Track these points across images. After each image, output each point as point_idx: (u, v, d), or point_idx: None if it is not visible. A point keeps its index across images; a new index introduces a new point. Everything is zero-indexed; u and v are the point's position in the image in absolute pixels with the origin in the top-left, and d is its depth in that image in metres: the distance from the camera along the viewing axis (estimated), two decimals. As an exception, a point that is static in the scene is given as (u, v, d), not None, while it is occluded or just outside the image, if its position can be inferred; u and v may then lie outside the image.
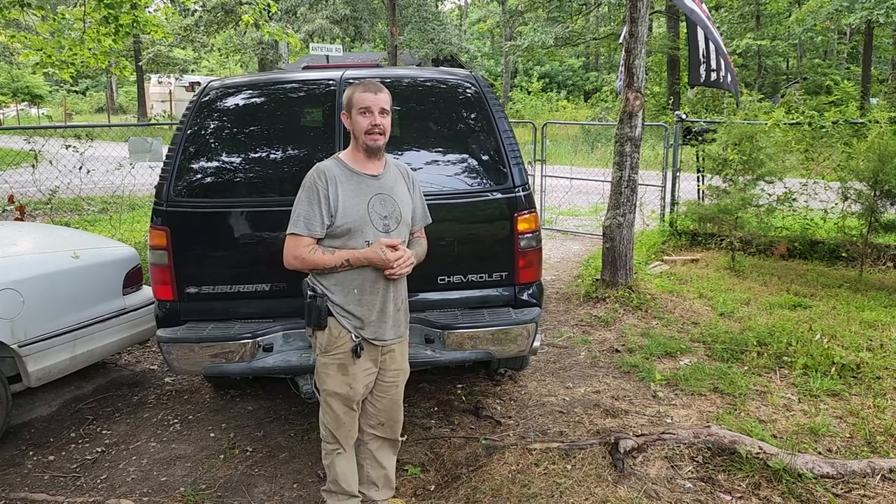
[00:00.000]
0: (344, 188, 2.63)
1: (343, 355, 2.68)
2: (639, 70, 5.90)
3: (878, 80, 23.15)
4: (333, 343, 2.68)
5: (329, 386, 2.72)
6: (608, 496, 3.12)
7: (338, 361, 2.69)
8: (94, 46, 7.94)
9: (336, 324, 2.67)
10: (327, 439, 2.84)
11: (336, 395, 2.72)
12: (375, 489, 2.96)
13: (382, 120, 2.65)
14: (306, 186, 2.63)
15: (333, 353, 2.68)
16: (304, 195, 2.63)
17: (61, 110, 33.32)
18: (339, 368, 2.69)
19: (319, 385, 2.77)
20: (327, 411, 2.78)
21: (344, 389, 2.71)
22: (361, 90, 2.65)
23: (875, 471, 3.18)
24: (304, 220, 2.60)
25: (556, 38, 22.92)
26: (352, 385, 2.71)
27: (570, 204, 10.92)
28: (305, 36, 24.53)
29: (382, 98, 2.66)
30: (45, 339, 3.77)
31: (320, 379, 2.75)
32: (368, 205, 2.66)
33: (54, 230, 5.33)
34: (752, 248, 7.54)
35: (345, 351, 2.67)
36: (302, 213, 2.61)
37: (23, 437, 3.92)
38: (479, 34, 46.71)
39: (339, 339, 2.67)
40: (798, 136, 7.65)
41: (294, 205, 2.64)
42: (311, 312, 2.67)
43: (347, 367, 2.69)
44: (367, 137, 2.64)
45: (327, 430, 2.81)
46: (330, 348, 2.68)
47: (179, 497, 3.28)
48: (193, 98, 3.66)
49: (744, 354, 4.77)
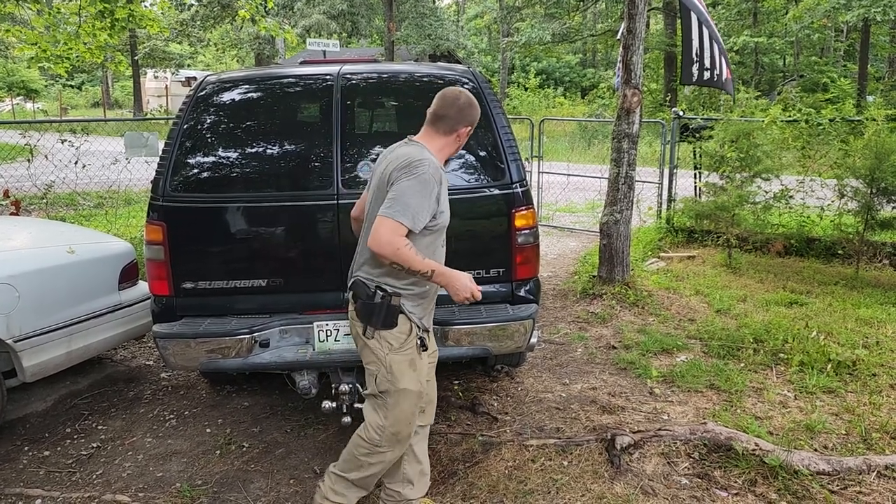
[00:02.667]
0: (444, 188, 2.62)
1: (412, 350, 2.66)
2: (636, 67, 5.89)
3: (874, 78, 23.15)
4: (405, 340, 2.64)
5: (404, 384, 2.63)
6: (604, 492, 3.13)
7: (409, 357, 2.65)
8: (90, 41, 7.91)
9: (405, 320, 2.63)
10: (380, 444, 2.68)
11: (410, 392, 2.65)
12: (410, 487, 2.87)
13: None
14: (423, 179, 2.49)
15: (405, 349, 2.64)
16: (419, 187, 2.48)
17: (57, 105, 33.13)
18: (409, 364, 2.65)
19: (390, 387, 2.63)
20: (396, 413, 2.65)
21: (417, 385, 2.67)
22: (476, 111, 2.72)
23: (871, 467, 3.19)
24: (414, 212, 2.47)
25: (553, 34, 22.94)
26: (421, 381, 2.69)
27: (567, 200, 10.92)
28: (302, 31, 24.43)
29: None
30: (41, 335, 3.76)
31: (392, 379, 2.62)
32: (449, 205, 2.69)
33: (50, 225, 5.32)
34: (748, 246, 7.54)
35: (413, 346, 2.66)
36: (413, 205, 2.47)
37: (18, 432, 3.91)
38: (476, 30, 46.63)
39: (410, 335, 2.65)
40: (795, 134, 7.67)
41: (403, 190, 2.47)
42: (380, 312, 2.59)
43: (416, 362, 2.67)
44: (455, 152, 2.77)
45: (386, 433, 2.67)
46: (403, 345, 2.64)
47: (175, 493, 3.27)
48: (190, 93, 3.64)
49: (740, 351, 4.78)
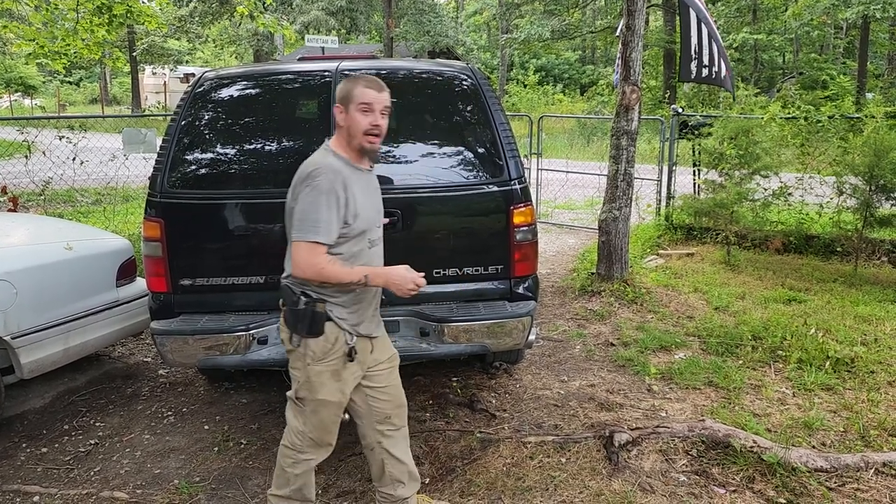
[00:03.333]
0: (356, 188, 2.45)
1: (337, 360, 2.53)
2: (636, 63, 5.88)
3: (874, 75, 23.15)
4: (330, 349, 2.51)
5: (322, 395, 2.54)
6: (602, 489, 3.13)
7: (332, 368, 2.53)
8: (88, 37, 7.90)
9: (333, 328, 2.50)
10: (301, 449, 2.65)
11: (330, 403, 2.57)
12: (402, 486, 2.80)
13: (382, 121, 2.48)
14: (324, 190, 2.35)
15: (329, 359, 2.51)
16: (322, 199, 2.34)
17: (55, 101, 33.09)
18: (332, 375, 2.54)
19: (307, 395, 2.56)
20: (313, 421, 2.60)
21: (337, 397, 2.57)
22: (364, 85, 2.45)
23: (869, 465, 3.19)
24: (325, 226, 2.35)
25: (552, 31, 22.92)
26: (343, 391, 2.58)
27: (566, 197, 10.92)
28: (301, 27, 24.39)
29: (385, 97, 2.49)
30: (38, 331, 3.75)
31: (310, 388, 2.54)
32: (372, 202, 2.56)
33: (48, 221, 5.31)
34: (747, 243, 7.54)
35: (340, 356, 2.52)
36: (323, 219, 2.34)
37: (16, 429, 3.90)
38: (475, 27, 46.58)
39: (335, 344, 2.51)
40: (794, 131, 7.66)
41: (305, 207, 2.36)
42: (304, 319, 2.45)
43: (340, 373, 2.55)
44: (364, 138, 2.45)
45: (305, 439, 2.63)
46: (326, 355, 2.51)
47: (173, 489, 3.27)
48: (188, 89, 3.63)
49: (738, 348, 4.78)
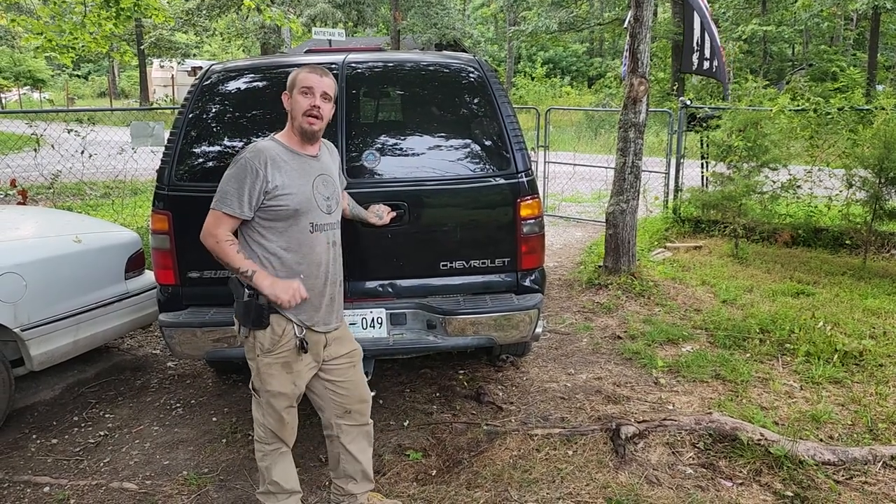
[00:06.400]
0: (287, 168, 2.52)
1: (288, 353, 2.57)
2: (643, 55, 5.85)
3: (884, 67, 22.99)
4: (277, 341, 2.55)
5: (273, 387, 2.59)
6: (609, 482, 3.13)
7: (282, 360, 2.57)
8: (95, 30, 7.92)
9: (279, 320, 2.54)
10: (266, 440, 2.71)
11: (281, 395, 2.61)
12: (354, 483, 2.86)
13: (323, 104, 2.55)
14: (239, 164, 2.49)
15: (277, 351, 2.56)
16: (234, 172, 2.49)
17: (63, 94, 33.23)
18: (283, 367, 2.58)
19: (259, 386, 2.63)
20: (269, 412, 2.65)
21: (289, 388, 2.61)
22: (307, 71, 2.56)
23: (876, 458, 3.19)
24: (233, 197, 2.46)
25: (560, 23, 22.83)
26: (296, 383, 2.62)
27: (573, 190, 10.89)
28: (308, 20, 24.34)
29: (327, 82, 2.57)
30: (48, 323, 3.78)
31: (261, 380, 2.60)
32: (313, 186, 2.58)
33: (57, 214, 5.33)
34: (755, 236, 7.51)
35: (290, 348, 2.56)
36: (231, 191, 2.47)
37: (26, 420, 3.94)
38: (482, 19, 46.40)
39: (283, 337, 2.55)
40: (803, 123, 7.61)
41: (222, 181, 2.51)
42: (249, 311, 2.51)
43: (292, 365, 2.59)
44: (304, 119, 2.53)
45: (267, 430, 2.68)
46: (273, 347, 2.55)
47: (182, 481, 3.30)
48: (195, 82, 3.64)
49: (746, 341, 4.76)
